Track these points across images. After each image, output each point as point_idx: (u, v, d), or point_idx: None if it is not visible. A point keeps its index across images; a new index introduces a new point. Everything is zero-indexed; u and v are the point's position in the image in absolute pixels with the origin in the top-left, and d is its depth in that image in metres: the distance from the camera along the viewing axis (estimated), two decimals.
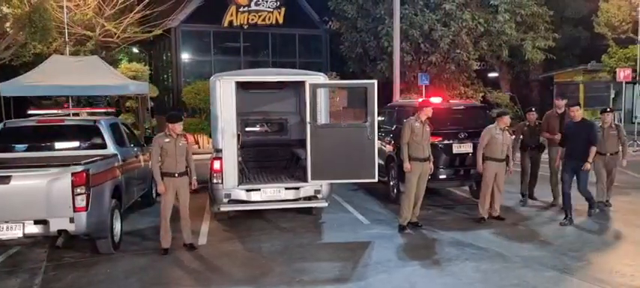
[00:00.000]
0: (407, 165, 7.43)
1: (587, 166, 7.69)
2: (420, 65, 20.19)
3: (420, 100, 8.98)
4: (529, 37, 20.36)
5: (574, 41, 24.44)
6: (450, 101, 10.89)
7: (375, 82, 7.61)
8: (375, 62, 20.82)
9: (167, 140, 6.61)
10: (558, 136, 8.36)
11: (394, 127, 9.97)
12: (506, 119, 7.91)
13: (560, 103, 8.77)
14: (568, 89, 24.93)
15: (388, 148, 9.90)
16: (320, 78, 7.91)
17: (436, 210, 8.89)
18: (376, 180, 7.80)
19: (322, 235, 7.56)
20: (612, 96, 23.92)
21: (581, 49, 24.86)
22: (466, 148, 8.82)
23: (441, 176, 8.83)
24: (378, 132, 7.83)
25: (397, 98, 16.03)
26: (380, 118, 9.43)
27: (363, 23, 20.92)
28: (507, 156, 7.98)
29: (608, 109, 8.63)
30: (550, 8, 20.62)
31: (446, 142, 8.86)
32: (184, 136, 6.85)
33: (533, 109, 9.27)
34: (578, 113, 7.86)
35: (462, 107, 10.05)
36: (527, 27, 20.65)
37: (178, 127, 6.66)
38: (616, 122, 8.31)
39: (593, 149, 7.72)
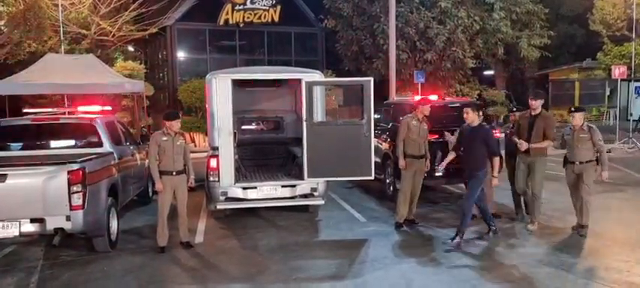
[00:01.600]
0: (402, 162, 7.45)
1: (494, 181, 6.78)
2: (415, 63, 20.23)
3: (417, 97, 8.98)
4: (524, 34, 20.45)
5: (569, 39, 24.57)
6: (446, 99, 10.89)
7: (371, 79, 7.63)
8: (371, 60, 20.85)
9: (165, 138, 6.60)
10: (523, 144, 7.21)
11: (390, 124, 9.99)
12: (175, 124, 6.66)
13: (535, 104, 7.30)
14: (563, 87, 25.06)
15: (384, 145, 9.92)
16: (316, 76, 7.92)
17: (432, 207, 8.91)
18: (373, 177, 7.82)
19: (319, 232, 7.57)
20: (608, 93, 24.05)
21: (576, 47, 24.99)
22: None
23: (438, 173, 8.84)
24: (375, 130, 7.84)
25: (393, 96, 16.06)
26: (376, 116, 9.43)
27: (358, 21, 20.95)
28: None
29: (574, 108, 7.17)
30: (545, 6, 20.73)
31: (442, 139, 8.86)
32: (182, 134, 6.84)
33: (515, 110, 8.15)
34: (471, 116, 6.77)
35: (457, 105, 10.06)
36: (522, 25, 20.74)
37: (176, 124, 6.65)
38: (589, 124, 7.02)
39: (497, 161, 6.71)
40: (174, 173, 6.63)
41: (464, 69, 20.80)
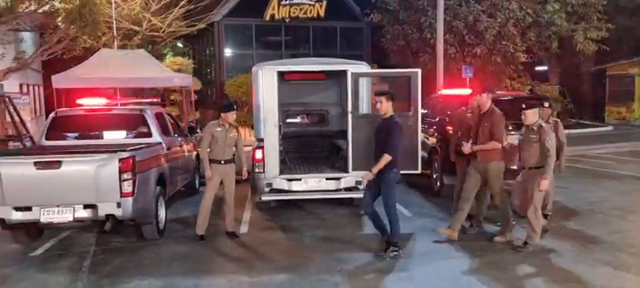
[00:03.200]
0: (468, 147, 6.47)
1: (369, 176, 5.89)
2: (463, 57, 19.73)
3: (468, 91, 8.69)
4: (580, 27, 19.56)
5: (629, 32, 23.33)
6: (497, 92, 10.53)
7: (419, 70, 7.47)
8: (418, 55, 20.48)
9: (219, 129, 6.71)
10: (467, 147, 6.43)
11: (437, 118, 9.77)
12: (230, 115, 6.68)
13: (481, 99, 6.35)
14: (622, 82, 23.90)
15: (431, 140, 9.71)
16: (362, 67, 7.83)
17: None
18: (419, 171, 7.65)
19: (363, 226, 7.47)
20: None
21: (636, 40, 23.72)
22: (513, 140, 8.48)
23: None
24: (421, 124, 7.66)
25: (440, 90, 15.72)
26: (423, 111, 9.23)
27: (405, 15, 20.61)
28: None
29: (525, 106, 6.06)
30: None
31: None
32: (236, 127, 6.93)
33: (547, 105, 7.26)
34: (384, 106, 5.87)
35: (509, 98, 9.71)
36: (578, 17, 19.85)
37: (231, 116, 6.77)
38: (541, 123, 6.02)
39: (385, 158, 5.70)
40: (222, 162, 6.72)
41: (515, 63, 20.13)
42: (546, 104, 7.22)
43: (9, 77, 13.25)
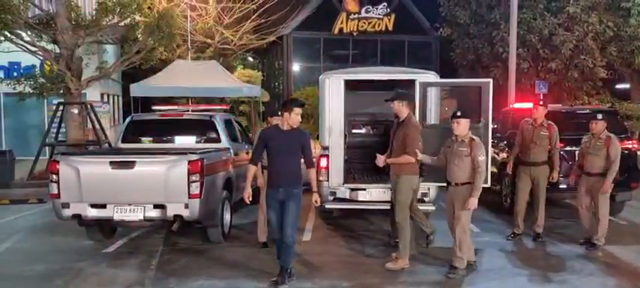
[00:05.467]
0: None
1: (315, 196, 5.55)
2: (537, 72, 18.94)
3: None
4: None
5: None
6: (573, 106, 10.02)
7: (490, 80, 7.24)
8: (488, 69, 19.88)
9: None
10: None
11: (508, 132, 9.39)
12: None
13: (397, 107, 6.02)
14: None
15: (501, 155, 9.33)
16: (430, 76, 7.66)
17: (557, 221, 8.17)
18: (488, 185, 7.33)
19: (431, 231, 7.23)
20: None
21: None
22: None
23: (562, 185, 8.11)
24: (491, 138, 7.37)
25: (512, 104, 15.15)
26: (493, 126, 8.91)
27: (476, 29, 20.11)
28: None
29: (459, 113, 5.60)
30: None
31: (568, 148, 8.13)
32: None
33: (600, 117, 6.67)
34: (289, 118, 5.26)
35: (587, 112, 9.18)
36: None
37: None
38: (473, 136, 5.66)
39: (313, 172, 5.46)
40: None
41: (593, 79, 19.08)
42: (599, 116, 6.69)
43: (91, 85, 14.08)
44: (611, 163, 6.38)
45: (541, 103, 7.36)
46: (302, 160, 5.41)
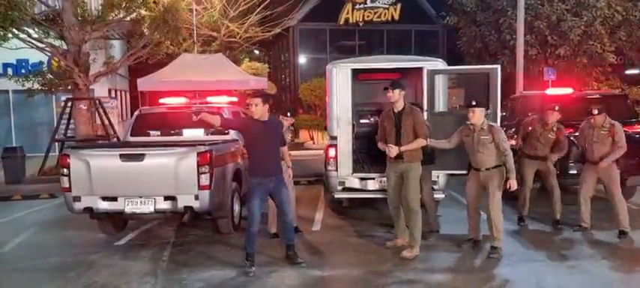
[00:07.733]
0: None
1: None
2: (545, 59, 18.79)
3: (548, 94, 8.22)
4: None
5: None
6: (584, 91, 9.94)
7: (498, 67, 7.17)
8: (496, 57, 19.74)
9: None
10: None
11: (516, 119, 9.34)
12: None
13: (393, 95, 6.03)
14: None
15: (511, 142, 9.27)
16: (438, 64, 7.61)
17: (568, 207, 8.12)
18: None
19: (439, 226, 7.23)
20: None
21: None
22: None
23: (572, 171, 8.08)
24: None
25: (520, 91, 15.06)
26: (501, 114, 8.85)
27: (483, 16, 19.95)
28: None
29: (475, 103, 5.85)
30: None
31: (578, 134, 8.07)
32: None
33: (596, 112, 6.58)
34: (260, 110, 5.45)
35: (597, 97, 9.12)
36: None
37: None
38: (490, 123, 5.93)
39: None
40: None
41: (602, 65, 18.91)
42: (595, 111, 6.56)
43: (99, 80, 14.14)
44: (616, 146, 6.38)
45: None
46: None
